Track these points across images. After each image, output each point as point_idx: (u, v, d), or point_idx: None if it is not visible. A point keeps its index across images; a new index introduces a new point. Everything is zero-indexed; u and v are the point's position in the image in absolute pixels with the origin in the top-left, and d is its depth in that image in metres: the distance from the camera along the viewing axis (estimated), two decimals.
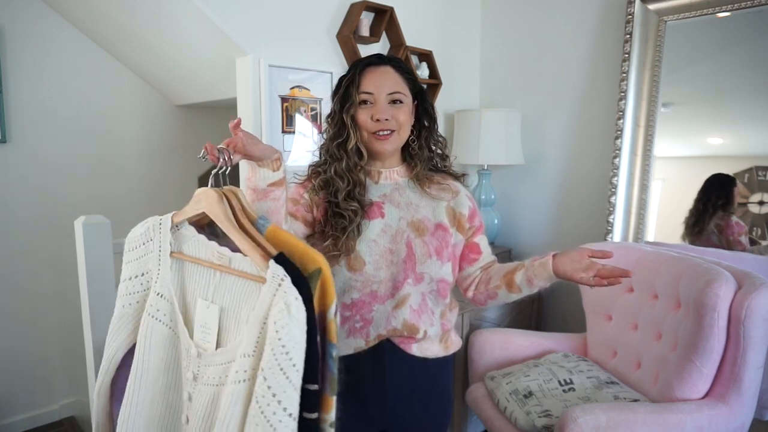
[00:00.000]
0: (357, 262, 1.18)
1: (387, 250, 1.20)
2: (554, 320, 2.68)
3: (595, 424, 1.47)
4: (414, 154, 1.25)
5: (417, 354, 1.23)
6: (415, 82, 1.24)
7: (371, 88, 1.18)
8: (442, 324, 1.27)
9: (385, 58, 1.23)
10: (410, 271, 1.20)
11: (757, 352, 1.55)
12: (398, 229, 1.21)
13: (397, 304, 1.19)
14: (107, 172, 2.83)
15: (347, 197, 1.17)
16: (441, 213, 1.25)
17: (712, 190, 2.14)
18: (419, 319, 1.21)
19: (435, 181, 1.27)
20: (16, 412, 2.63)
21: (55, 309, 2.67)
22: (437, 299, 1.25)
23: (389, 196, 1.23)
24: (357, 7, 2.26)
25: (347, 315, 1.19)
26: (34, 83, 2.54)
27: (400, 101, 1.19)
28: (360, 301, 1.19)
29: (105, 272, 1.78)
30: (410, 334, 1.20)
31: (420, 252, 1.20)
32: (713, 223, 2.12)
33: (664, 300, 1.78)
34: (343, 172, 1.18)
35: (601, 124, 2.49)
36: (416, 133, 1.26)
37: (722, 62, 2.17)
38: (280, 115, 2.11)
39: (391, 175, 1.26)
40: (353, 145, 1.18)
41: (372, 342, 1.19)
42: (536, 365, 1.95)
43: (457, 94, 2.84)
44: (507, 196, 2.89)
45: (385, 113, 1.17)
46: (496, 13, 2.86)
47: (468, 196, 1.30)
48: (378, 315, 1.19)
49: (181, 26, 2.10)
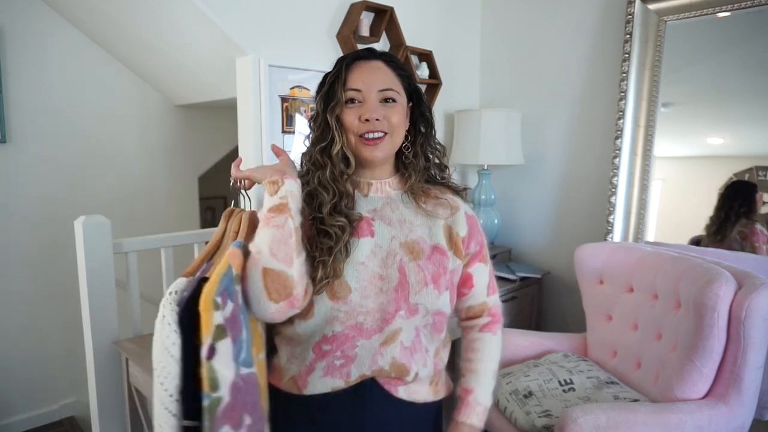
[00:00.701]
0: (341, 289, 1.00)
1: (376, 275, 1.02)
2: (554, 320, 2.68)
3: (595, 424, 1.47)
4: (408, 163, 1.09)
5: (403, 397, 1.06)
6: (410, 80, 1.09)
7: (359, 84, 1.03)
8: (435, 364, 1.09)
9: (376, 52, 1.08)
10: (402, 302, 1.02)
11: (757, 352, 1.55)
12: (390, 250, 1.03)
13: (386, 339, 1.02)
14: (107, 172, 2.83)
15: (333, 211, 1.01)
16: (438, 233, 1.07)
17: (735, 198, 2.11)
18: (411, 358, 1.03)
19: (432, 195, 1.10)
20: (16, 411, 2.63)
21: (55, 309, 2.67)
22: (432, 335, 1.08)
23: (380, 212, 1.06)
24: (357, 7, 2.26)
25: (327, 349, 1.02)
26: (34, 83, 2.54)
27: (392, 100, 1.03)
28: (342, 335, 1.01)
29: (105, 272, 1.78)
30: (399, 375, 1.03)
31: (414, 279, 1.02)
32: (736, 230, 2.10)
33: (664, 300, 1.78)
34: (327, 181, 1.02)
35: (601, 124, 2.49)
36: (411, 139, 1.09)
37: (722, 62, 2.17)
38: (280, 115, 2.11)
39: (383, 188, 1.09)
40: (339, 150, 1.03)
41: (353, 382, 1.01)
42: (536, 365, 1.95)
43: (457, 94, 2.84)
44: (507, 196, 2.89)
45: (376, 112, 1.01)
46: (496, 13, 2.86)
47: (468, 214, 1.13)
48: (362, 352, 1.01)
49: (181, 26, 2.10)
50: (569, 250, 2.21)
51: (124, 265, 1.92)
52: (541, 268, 2.71)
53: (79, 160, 2.72)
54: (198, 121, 3.16)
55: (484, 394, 1.16)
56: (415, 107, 1.10)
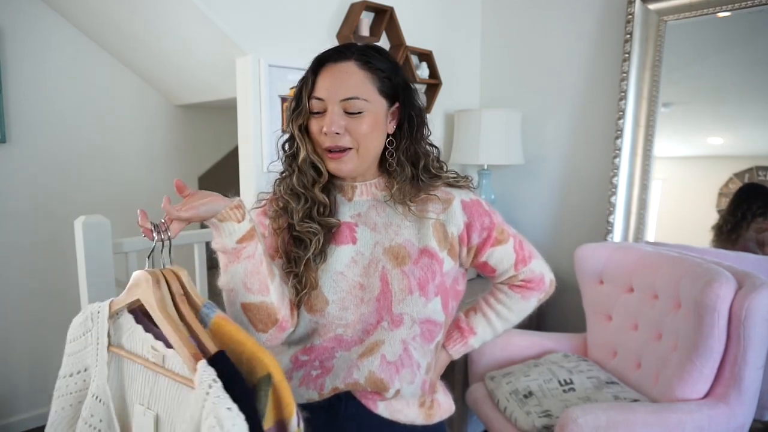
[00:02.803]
0: (318, 301, 0.94)
1: (357, 285, 0.95)
2: (554, 320, 2.68)
3: (595, 424, 1.46)
4: (392, 170, 0.98)
5: (384, 415, 0.96)
6: (393, 78, 0.96)
7: (323, 92, 0.92)
8: (424, 382, 0.99)
9: (349, 51, 0.95)
10: (385, 312, 0.94)
11: (758, 352, 1.54)
12: (372, 258, 0.96)
13: (365, 351, 0.94)
14: (107, 172, 2.83)
15: (305, 218, 0.94)
16: (427, 234, 0.97)
17: (751, 200, 2.09)
18: (395, 374, 0.94)
19: (420, 194, 0.99)
20: (16, 411, 2.63)
21: (55, 308, 2.67)
22: (423, 346, 0.98)
23: (364, 217, 0.98)
24: (357, 7, 2.26)
25: (304, 359, 0.96)
26: (34, 83, 2.54)
27: (358, 111, 0.92)
28: (321, 347, 0.96)
29: (105, 272, 1.78)
30: (376, 390, 0.94)
31: (398, 287, 0.94)
32: (752, 231, 2.09)
33: (665, 300, 1.78)
34: (297, 189, 0.95)
35: (601, 124, 2.48)
36: (395, 144, 0.98)
37: (722, 62, 2.17)
38: (280, 115, 2.11)
39: (368, 190, 1.00)
40: (303, 158, 0.94)
41: (326, 395, 0.94)
42: (536, 365, 1.95)
43: (457, 94, 2.84)
44: (507, 196, 2.89)
45: (335, 125, 0.90)
46: (497, 13, 2.86)
47: (465, 201, 1.00)
48: (340, 363, 0.94)
49: (181, 26, 2.10)
50: (569, 250, 2.21)
51: (124, 265, 1.92)
52: None
53: (79, 159, 2.72)
54: (198, 121, 3.16)
55: (479, 341, 1.14)
56: (402, 107, 0.98)
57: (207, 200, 0.81)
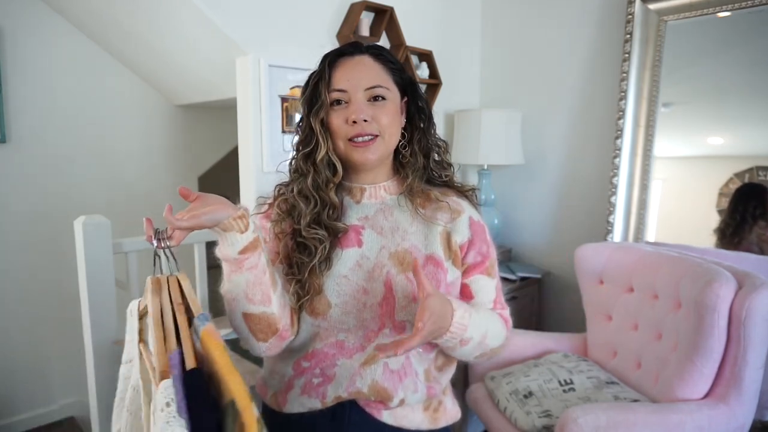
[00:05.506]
0: (320, 304, 0.93)
1: (360, 289, 0.94)
2: (554, 320, 2.68)
3: (595, 424, 1.46)
4: (405, 162, 0.99)
5: (389, 422, 0.95)
6: (402, 73, 0.99)
7: (344, 83, 0.93)
8: (428, 388, 0.98)
9: (361, 46, 0.98)
10: (387, 318, 0.93)
11: (758, 352, 1.54)
12: (377, 262, 0.95)
13: (368, 359, 0.93)
14: (107, 172, 2.83)
15: (312, 222, 0.93)
16: (434, 241, 0.97)
17: (748, 201, 2.08)
18: (398, 383, 0.93)
19: (432, 198, 0.99)
20: (16, 411, 2.63)
21: (55, 309, 2.67)
22: (421, 354, 0.97)
23: (371, 220, 0.98)
24: (357, 7, 2.26)
25: (305, 366, 0.95)
26: (34, 83, 2.54)
27: (382, 97, 0.94)
28: (322, 353, 0.95)
29: (105, 272, 1.78)
30: (380, 399, 0.93)
31: (402, 293, 0.93)
32: (754, 233, 2.08)
33: (665, 300, 1.78)
34: (309, 190, 0.93)
35: (601, 124, 2.48)
36: (408, 136, 1.00)
37: (722, 62, 2.17)
38: (280, 115, 2.11)
39: (377, 193, 1.00)
40: (323, 156, 0.93)
41: (329, 404, 0.94)
42: (536, 365, 1.95)
43: (457, 94, 2.84)
44: (507, 196, 2.89)
45: (363, 113, 0.92)
46: (496, 13, 2.86)
47: (474, 220, 1.01)
48: (341, 372, 0.94)
49: (181, 26, 2.10)
50: (569, 250, 2.21)
51: (124, 265, 1.92)
52: (541, 268, 2.71)
53: (79, 159, 2.72)
54: (198, 121, 3.16)
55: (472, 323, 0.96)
56: (410, 101, 1.01)
57: (210, 209, 0.79)
